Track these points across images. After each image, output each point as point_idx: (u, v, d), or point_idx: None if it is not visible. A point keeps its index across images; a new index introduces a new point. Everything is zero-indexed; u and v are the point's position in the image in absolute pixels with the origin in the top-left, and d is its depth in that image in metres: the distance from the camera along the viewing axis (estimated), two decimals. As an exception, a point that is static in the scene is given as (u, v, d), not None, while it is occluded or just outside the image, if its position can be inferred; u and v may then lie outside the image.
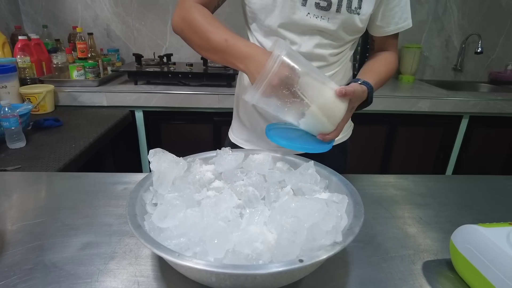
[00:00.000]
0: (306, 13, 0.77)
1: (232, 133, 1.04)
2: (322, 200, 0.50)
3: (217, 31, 0.72)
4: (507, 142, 2.06)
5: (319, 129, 0.69)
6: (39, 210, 0.69)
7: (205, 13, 0.75)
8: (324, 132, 0.70)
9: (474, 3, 2.32)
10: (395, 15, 0.83)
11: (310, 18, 0.77)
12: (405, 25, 0.86)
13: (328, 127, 0.69)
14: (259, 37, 0.84)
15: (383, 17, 0.84)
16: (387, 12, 0.83)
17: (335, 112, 0.68)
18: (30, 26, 2.22)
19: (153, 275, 0.51)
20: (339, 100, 0.67)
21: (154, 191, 0.59)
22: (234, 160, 0.67)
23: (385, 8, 0.82)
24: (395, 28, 0.85)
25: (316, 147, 0.70)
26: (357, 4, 0.77)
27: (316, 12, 0.77)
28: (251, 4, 0.79)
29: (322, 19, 0.78)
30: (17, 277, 0.50)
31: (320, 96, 0.66)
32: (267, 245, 0.46)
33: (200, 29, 0.73)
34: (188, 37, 0.77)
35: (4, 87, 1.54)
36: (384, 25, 0.85)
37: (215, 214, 0.51)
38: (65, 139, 1.30)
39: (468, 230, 0.51)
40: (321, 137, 0.70)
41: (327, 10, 0.77)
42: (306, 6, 0.76)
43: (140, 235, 0.45)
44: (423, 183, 0.86)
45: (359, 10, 0.77)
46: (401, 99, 1.88)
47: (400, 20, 0.84)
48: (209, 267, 0.39)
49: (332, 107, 0.67)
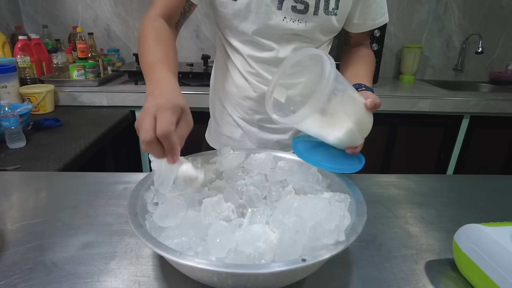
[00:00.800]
0: (282, 17, 0.75)
1: (209, 136, 1.01)
2: (325, 199, 0.49)
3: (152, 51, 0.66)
4: (507, 142, 2.06)
5: (350, 143, 0.66)
6: (39, 209, 0.68)
7: (158, 29, 0.71)
8: (353, 145, 0.66)
9: (474, 3, 2.32)
10: (371, 12, 0.83)
11: (287, 23, 0.75)
12: (382, 20, 0.85)
13: (358, 140, 0.66)
14: (235, 43, 0.81)
15: (360, 15, 0.83)
16: (364, 9, 0.82)
17: (367, 126, 0.66)
18: (30, 26, 2.22)
19: (154, 275, 0.51)
20: (368, 112, 0.65)
21: (155, 190, 0.58)
22: (235, 160, 0.67)
23: (362, 5, 0.81)
24: (372, 24, 0.85)
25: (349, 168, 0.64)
26: (334, 5, 0.75)
27: (292, 15, 0.75)
28: (223, 9, 0.76)
29: (300, 23, 0.76)
30: (17, 277, 0.50)
31: (356, 111, 0.63)
32: (269, 244, 0.45)
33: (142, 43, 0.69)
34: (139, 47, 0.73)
35: (4, 87, 1.54)
36: (361, 22, 0.84)
37: (216, 213, 0.51)
38: (65, 139, 1.30)
39: (471, 229, 0.51)
40: (351, 151, 0.66)
41: (304, 13, 0.75)
42: (282, 10, 0.74)
43: (141, 235, 0.44)
44: (425, 183, 0.86)
45: (336, 11, 0.76)
46: (402, 99, 1.87)
47: (377, 16, 0.84)
48: (211, 267, 0.39)
49: (365, 121, 0.65)
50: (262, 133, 0.91)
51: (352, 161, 0.66)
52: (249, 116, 0.89)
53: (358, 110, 0.63)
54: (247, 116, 0.89)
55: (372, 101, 0.63)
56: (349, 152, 0.66)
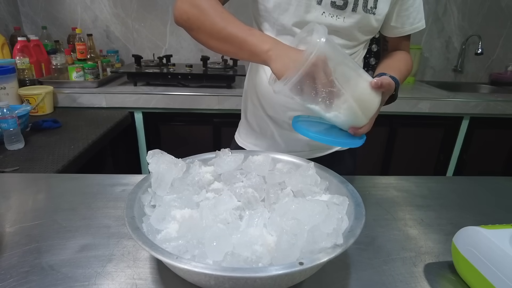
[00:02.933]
0: (321, 12, 0.75)
1: (239, 136, 1.01)
2: (322, 202, 0.49)
3: (234, 20, 0.68)
4: (507, 143, 2.06)
5: (352, 122, 0.65)
6: (37, 212, 0.68)
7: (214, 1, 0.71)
8: (356, 125, 0.65)
9: (474, 4, 2.32)
10: (410, 16, 0.83)
11: (326, 17, 0.76)
12: (419, 25, 0.85)
13: (362, 120, 0.65)
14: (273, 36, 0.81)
15: (398, 18, 0.83)
16: (402, 12, 0.82)
17: (370, 105, 0.64)
18: (30, 27, 2.22)
19: (151, 278, 0.51)
20: (374, 92, 0.64)
21: (153, 193, 0.58)
22: (233, 162, 0.66)
23: (399, 8, 0.82)
24: (410, 28, 0.85)
25: (348, 142, 0.65)
26: (373, 3, 0.76)
27: (331, 11, 0.75)
28: (264, 2, 0.77)
29: (338, 18, 0.76)
30: (14, 280, 0.49)
31: (356, 87, 0.62)
32: (266, 248, 0.45)
33: (214, 16, 0.69)
34: (196, 26, 0.71)
35: (3, 88, 1.54)
36: (399, 25, 0.84)
37: (214, 216, 0.50)
38: (64, 141, 1.29)
39: (470, 232, 0.50)
40: (353, 131, 0.65)
41: (343, 9, 0.75)
42: (322, 5, 0.75)
43: (138, 238, 0.44)
44: (424, 185, 0.86)
45: (374, 10, 0.76)
46: (402, 100, 1.87)
47: (415, 20, 0.84)
48: (208, 270, 0.39)
49: (367, 99, 0.63)
50: (293, 133, 0.87)
51: (353, 139, 0.66)
52: (282, 113, 0.87)
53: (360, 86, 0.63)
54: (279, 114, 0.88)
55: (378, 79, 0.63)
56: (351, 132, 0.65)
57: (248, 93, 0.95)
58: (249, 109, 0.95)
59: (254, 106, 0.93)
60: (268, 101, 0.88)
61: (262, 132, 0.93)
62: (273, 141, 0.92)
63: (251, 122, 0.95)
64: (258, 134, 0.94)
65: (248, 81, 0.95)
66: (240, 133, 1.02)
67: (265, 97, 0.89)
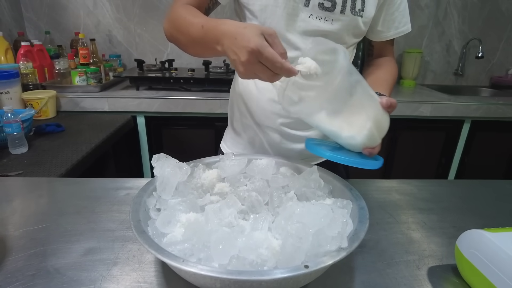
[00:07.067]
0: (308, 14, 0.75)
1: (225, 145, 0.98)
2: (327, 206, 0.49)
3: (196, 21, 0.66)
4: (509, 146, 2.06)
5: (368, 143, 0.63)
6: (41, 215, 0.68)
7: (190, 9, 0.71)
8: (371, 146, 0.63)
9: (474, 8, 2.33)
10: (395, 20, 0.84)
11: (313, 20, 0.75)
12: (404, 29, 0.86)
13: (376, 140, 0.63)
14: None
15: (383, 22, 0.84)
16: (387, 16, 0.83)
17: (384, 125, 0.64)
18: (33, 33, 2.24)
19: (156, 281, 0.51)
20: (385, 112, 0.63)
21: (158, 197, 0.58)
22: (237, 165, 0.67)
23: (386, 12, 0.82)
24: (395, 32, 0.85)
25: (371, 163, 0.62)
26: (361, 6, 0.76)
27: (319, 13, 0.75)
28: (250, 6, 0.76)
29: (326, 21, 0.76)
30: (20, 283, 0.50)
31: (374, 108, 0.61)
32: (271, 251, 0.45)
33: (181, 24, 0.69)
34: (176, 38, 0.73)
35: (7, 92, 1.55)
36: (384, 29, 0.85)
37: (219, 219, 0.51)
38: (67, 145, 1.30)
39: (473, 235, 0.51)
40: (368, 151, 0.63)
41: (331, 11, 0.75)
42: (309, 7, 0.74)
43: (144, 241, 0.44)
44: (426, 188, 0.86)
45: (362, 13, 0.77)
46: (403, 104, 1.88)
47: (400, 24, 0.85)
48: (214, 273, 0.39)
49: (381, 120, 0.63)
50: (284, 142, 0.87)
51: (370, 160, 0.64)
52: (272, 121, 0.85)
53: (375, 108, 0.62)
54: (269, 121, 0.86)
55: (388, 99, 0.63)
56: (365, 152, 0.63)
57: (234, 100, 0.92)
58: (236, 117, 0.93)
59: (241, 114, 0.90)
60: (256, 108, 0.86)
61: (250, 141, 0.91)
62: (262, 151, 0.90)
63: (238, 130, 0.93)
64: (246, 143, 0.92)
65: (234, 87, 0.93)
66: (226, 142, 0.99)
67: (253, 104, 0.86)
